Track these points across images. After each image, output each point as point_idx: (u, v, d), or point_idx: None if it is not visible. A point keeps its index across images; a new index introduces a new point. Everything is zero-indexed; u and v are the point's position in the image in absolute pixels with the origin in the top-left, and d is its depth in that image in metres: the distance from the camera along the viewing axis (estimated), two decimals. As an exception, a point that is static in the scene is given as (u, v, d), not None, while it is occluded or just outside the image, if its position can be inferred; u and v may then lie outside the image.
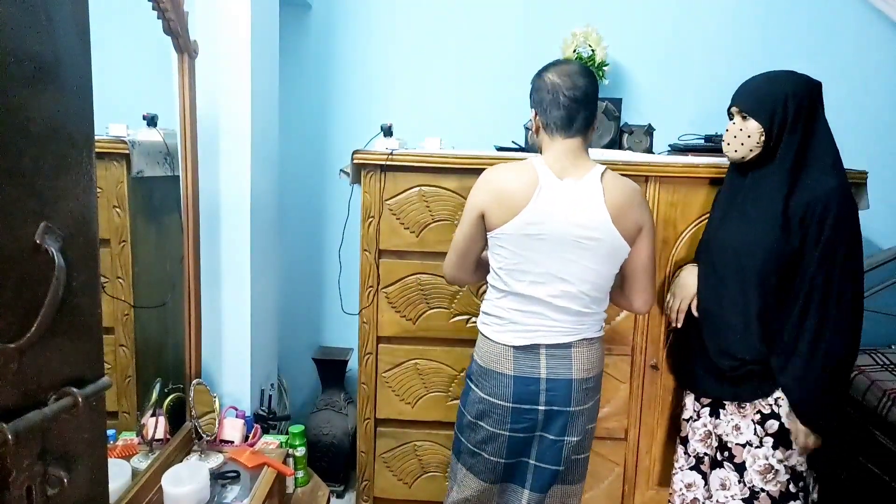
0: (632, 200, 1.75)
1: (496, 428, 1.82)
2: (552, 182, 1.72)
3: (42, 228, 0.80)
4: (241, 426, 2.20)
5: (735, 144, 1.94)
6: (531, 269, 1.74)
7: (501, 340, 1.81)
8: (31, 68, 0.79)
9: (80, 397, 0.83)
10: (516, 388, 1.79)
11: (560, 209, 1.70)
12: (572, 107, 1.73)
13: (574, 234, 1.70)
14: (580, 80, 1.73)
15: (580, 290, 1.75)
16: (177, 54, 1.94)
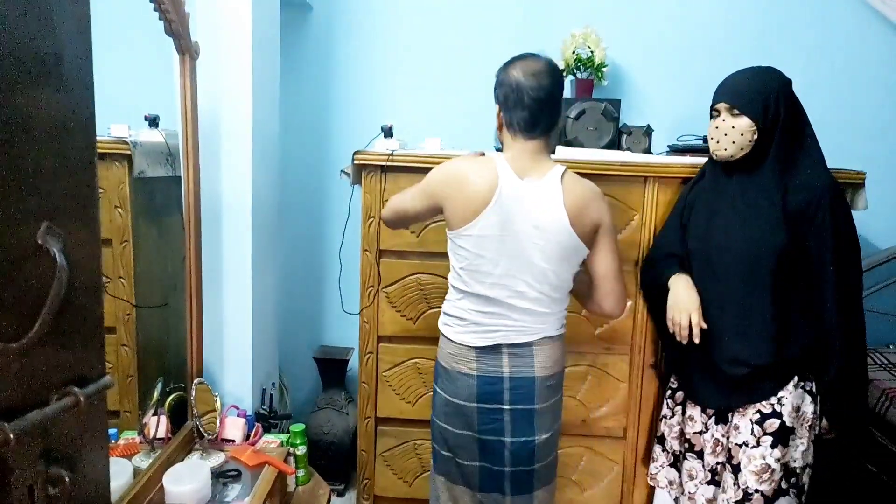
0: (589, 202, 1.72)
1: (463, 430, 1.82)
2: (513, 182, 1.70)
3: (44, 228, 0.80)
4: (242, 425, 2.21)
5: (726, 142, 1.87)
6: (492, 270, 1.73)
7: (463, 341, 1.80)
8: (34, 69, 0.79)
9: (82, 396, 0.83)
10: (480, 388, 1.78)
11: (520, 210, 1.69)
12: (536, 108, 1.70)
13: (533, 235, 1.69)
14: (546, 81, 1.69)
15: (540, 291, 1.74)
16: (178, 55, 1.94)
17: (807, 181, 1.83)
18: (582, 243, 1.72)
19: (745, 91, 1.86)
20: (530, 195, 1.70)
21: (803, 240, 1.83)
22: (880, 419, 2.38)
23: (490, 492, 1.83)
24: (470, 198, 1.70)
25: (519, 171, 1.71)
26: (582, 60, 2.65)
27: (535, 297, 1.74)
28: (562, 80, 1.76)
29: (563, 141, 2.46)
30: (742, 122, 1.84)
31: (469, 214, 1.70)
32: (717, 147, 1.90)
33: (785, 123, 1.84)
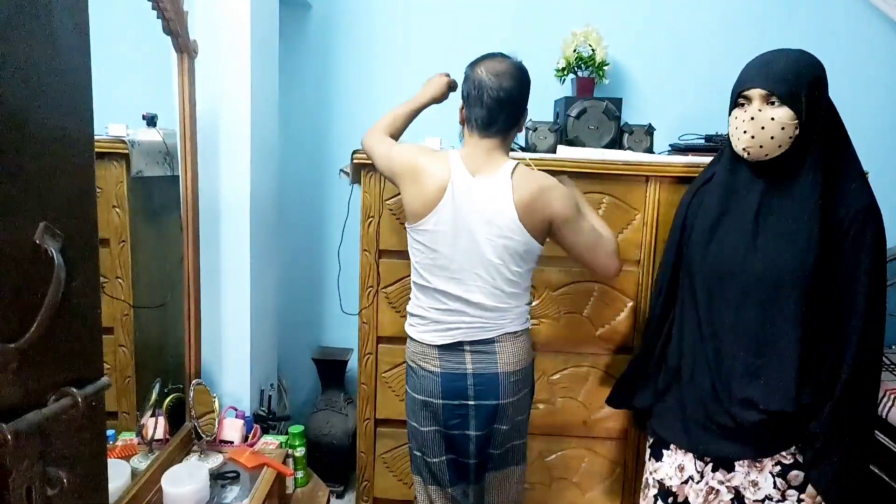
0: (539, 195, 1.73)
1: (430, 426, 1.87)
2: (464, 178, 1.75)
3: (41, 228, 0.79)
4: (240, 426, 2.20)
5: (762, 137, 1.54)
6: (447, 265, 1.78)
7: (425, 340, 1.85)
8: (31, 68, 0.79)
9: (80, 397, 0.82)
10: (444, 385, 1.82)
11: (471, 206, 1.73)
12: (494, 108, 1.75)
13: (484, 230, 1.73)
14: (507, 83, 1.74)
15: (494, 286, 1.77)
16: (176, 54, 1.93)
17: (849, 197, 1.55)
18: (533, 240, 1.74)
19: (786, 76, 1.53)
20: (481, 191, 1.74)
21: (835, 264, 1.55)
22: (882, 420, 2.37)
23: (457, 484, 1.90)
24: (424, 192, 1.77)
25: (471, 169, 1.76)
26: (583, 59, 2.65)
27: (490, 293, 1.77)
28: (526, 83, 1.81)
29: (565, 140, 2.45)
30: (782, 114, 1.52)
31: (423, 209, 1.77)
32: (752, 143, 1.56)
33: (827, 120, 1.57)
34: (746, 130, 1.56)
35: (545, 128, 2.38)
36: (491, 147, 1.78)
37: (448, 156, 1.80)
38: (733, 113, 1.62)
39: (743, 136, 1.58)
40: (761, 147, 1.55)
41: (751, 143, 1.56)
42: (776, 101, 1.53)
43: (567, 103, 2.48)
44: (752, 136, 1.55)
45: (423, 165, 1.79)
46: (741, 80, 1.61)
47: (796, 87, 1.52)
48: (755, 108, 1.55)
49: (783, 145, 1.54)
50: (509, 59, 1.80)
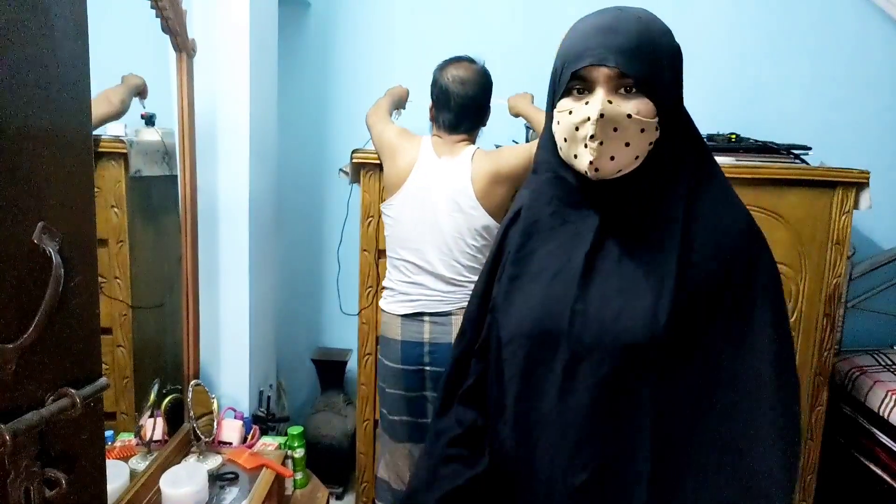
0: (496, 175, 1.96)
1: (393, 389, 2.07)
2: (430, 158, 2.00)
3: (39, 228, 0.79)
4: (239, 427, 2.19)
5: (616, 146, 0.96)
6: (408, 236, 2.01)
7: (392, 310, 2.07)
8: (29, 66, 0.78)
9: (78, 398, 0.82)
10: (404, 352, 2.03)
11: (434, 184, 1.97)
12: (460, 112, 2.00)
13: (444, 206, 1.96)
14: (471, 90, 1.99)
15: (452, 257, 1.97)
16: (175, 53, 1.93)
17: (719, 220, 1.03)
18: (490, 217, 1.96)
19: (642, 48, 0.96)
20: (444, 171, 1.98)
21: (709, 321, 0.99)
22: (883, 420, 2.37)
23: (416, 442, 2.07)
24: (396, 168, 2.04)
25: (438, 152, 2.02)
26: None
27: (448, 264, 1.98)
28: (489, 88, 2.06)
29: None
30: (643, 108, 0.96)
31: (395, 185, 2.04)
32: (601, 155, 0.95)
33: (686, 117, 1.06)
34: (594, 135, 0.94)
35: (545, 128, 2.38)
36: (456, 140, 2.04)
37: (420, 140, 2.06)
38: (560, 104, 1.01)
39: (589, 142, 0.95)
40: (613, 160, 0.96)
41: (600, 154, 0.95)
42: (632, 87, 0.96)
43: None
44: (600, 143, 0.95)
45: (399, 145, 2.06)
46: (572, 51, 1.00)
47: (657, 67, 0.97)
48: (601, 98, 0.95)
49: (641, 156, 0.98)
50: (474, 64, 2.04)
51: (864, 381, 2.51)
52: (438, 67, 2.05)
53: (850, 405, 2.58)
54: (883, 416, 2.37)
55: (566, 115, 1.00)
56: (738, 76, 2.13)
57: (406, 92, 2.41)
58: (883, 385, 2.43)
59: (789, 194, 2.27)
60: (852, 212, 2.27)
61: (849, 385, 2.57)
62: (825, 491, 2.52)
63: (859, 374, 2.54)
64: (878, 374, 2.51)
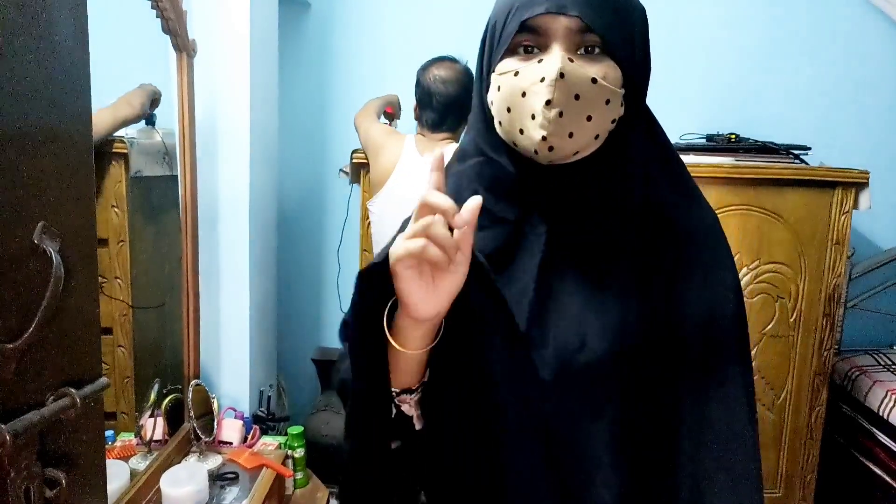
0: None
1: None
2: (413, 156, 2.04)
3: (40, 228, 0.79)
4: (239, 427, 2.19)
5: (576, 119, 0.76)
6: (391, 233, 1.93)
7: None
8: (29, 67, 0.79)
9: (79, 398, 0.82)
10: None
11: (415, 180, 2.01)
12: (443, 111, 2.05)
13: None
14: (453, 89, 2.03)
15: None
16: (175, 53, 1.93)
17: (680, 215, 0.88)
18: None
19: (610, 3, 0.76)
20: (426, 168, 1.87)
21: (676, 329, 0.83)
22: (883, 420, 2.37)
23: None
24: (380, 167, 2.09)
25: (420, 149, 2.06)
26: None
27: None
28: (470, 86, 2.01)
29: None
30: (610, 73, 0.77)
31: (378, 183, 2.09)
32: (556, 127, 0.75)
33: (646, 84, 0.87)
34: (550, 100, 0.74)
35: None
36: (441, 138, 2.09)
37: (404, 138, 2.11)
38: (500, 66, 0.80)
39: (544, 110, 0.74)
40: (571, 136, 0.76)
41: (557, 127, 0.75)
42: (595, 47, 0.76)
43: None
44: (558, 113, 0.74)
45: (384, 144, 2.11)
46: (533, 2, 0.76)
47: (628, 25, 0.79)
48: (559, 54, 0.74)
49: (601, 136, 0.79)
50: (457, 63, 2.08)
51: (863, 380, 2.51)
52: (421, 68, 2.12)
53: (849, 405, 2.58)
54: (882, 416, 2.37)
55: (510, 77, 0.78)
56: (738, 76, 2.13)
57: (396, 98, 2.49)
58: (882, 385, 2.43)
59: (789, 194, 2.27)
60: (852, 212, 2.28)
61: (848, 385, 2.57)
62: (825, 490, 2.52)
63: (859, 374, 2.54)
64: (877, 374, 2.51)
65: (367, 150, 2.19)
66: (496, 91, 0.81)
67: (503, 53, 0.79)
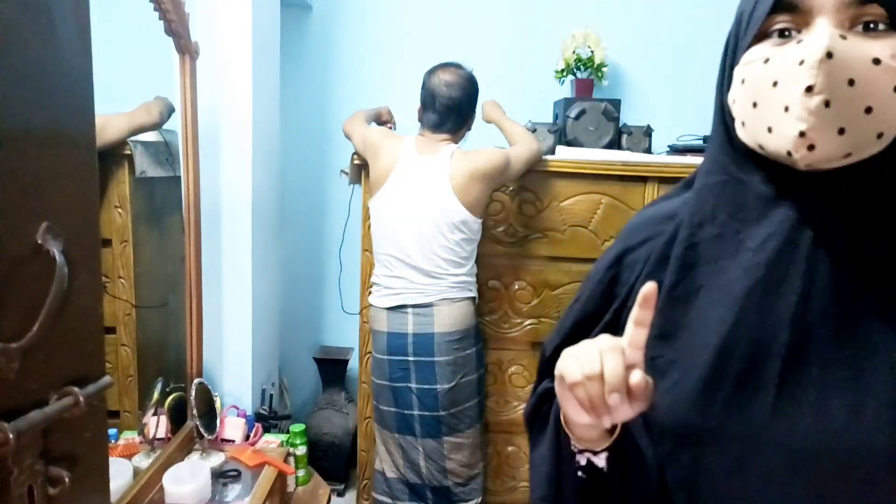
0: (474, 172, 2.02)
1: (382, 380, 2.15)
2: (411, 157, 2.08)
3: (43, 228, 0.79)
4: (242, 425, 2.20)
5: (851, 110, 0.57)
6: (392, 231, 2.08)
7: (378, 304, 2.15)
8: (32, 68, 0.79)
9: (82, 396, 0.82)
10: (389, 342, 2.12)
11: (414, 182, 2.05)
12: (444, 113, 2.09)
13: (424, 203, 2.03)
14: (455, 93, 2.07)
15: (433, 253, 2.05)
16: (178, 55, 1.94)
17: None
18: (467, 212, 2.03)
19: None
20: (423, 169, 2.06)
21: None
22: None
23: (405, 434, 2.14)
24: (380, 167, 2.11)
25: (419, 150, 2.09)
26: (582, 60, 2.65)
27: (428, 258, 2.05)
28: (473, 93, 2.13)
29: (564, 141, 2.46)
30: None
31: (377, 183, 2.11)
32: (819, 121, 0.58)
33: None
34: (812, 86, 0.58)
35: (544, 129, 2.39)
36: (439, 139, 2.12)
37: (403, 139, 2.13)
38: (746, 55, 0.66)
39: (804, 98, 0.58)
40: (842, 133, 0.58)
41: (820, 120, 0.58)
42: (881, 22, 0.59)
43: (566, 104, 2.48)
44: (824, 103, 0.58)
45: (383, 145, 2.13)
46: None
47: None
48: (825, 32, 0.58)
49: (887, 135, 0.60)
50: (462, 70, 2.12)
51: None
52: (428, 71, 2.15)
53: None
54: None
55: (758, 65, 0.63)
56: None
57: (388, 109, 2.52)
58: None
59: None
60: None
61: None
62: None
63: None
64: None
65: (365, 152, 2.21)
66: (741, 84, 0.64)
67: (752, 41, 0.64)
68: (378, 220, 2.13)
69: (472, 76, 2.14)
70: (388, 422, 2.18)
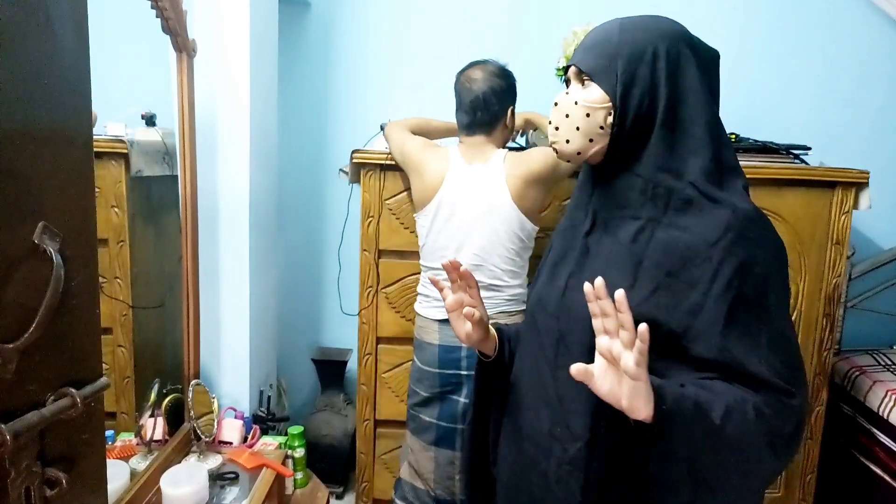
0: (529, 176, 1.96)
1: (428, 392, 2.07)
2: (461, 167, 2.00)
3: (40, 228, 0.79)
4: (239, 427, 2.19)
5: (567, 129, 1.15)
6: (447, 245, 2.00)
7: (429, 315, 2.07)
8: (30, 67, 0.79)
9: (79, 398, 0.82)
10: (441, 356, 2.04)
11: (468, 192, 1.97)
12: (470, 111, 2.02)
13: (480, 211, 1.96)
14: (478, 87, 1.99)
15: (490, 262, 1.97)
16: (175, 53, 1.93)
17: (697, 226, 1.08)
18: (526, 218, 1.97)
19: (602, 44, 1.13)
20: (476, 178, 1.98)
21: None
22: (883, 420, 2.37)
23: (443, 447, 2.06)
24: (426, 183, 2.03)
25: (468, 159, 2.02)
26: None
27: (488, 271, 1.98)
28: (498, 86, 2.01)
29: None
30: (589, 95, 1.12)
31: (425, 198, 2.03)
32: (556, 137, 1.17)
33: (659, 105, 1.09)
34: (551, 120, 1.18)
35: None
36: (479, 143, 2.03)
37: (448, 150, 2.06)
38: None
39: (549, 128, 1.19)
40: (568, 143, 1.14)
41: (555, 135, 1.17)
42: (587, 78, 1.13)
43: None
44: (556, 128, 1.17)
45: (426, 160, 2.05)
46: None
47: (611, 59, 1.10)
48: (563, 90, 1.19)
49: (596, 140, 1.12)
50: (488, 64, 2.05)
51: (863, 380, 2.51)
52: (457, 73, 2.09)
53: (849, 405, 2.58)
54: (882, 416, 2.37)
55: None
56: (738, 76, 2.13)
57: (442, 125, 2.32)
58: (882, 385, 2.43)
59: (789, 194, 2.27)
60: (852, 212, 2.28)
61: (848, 385, 2.58)
62: (825, 490, 2.52)
63: (859, 374, 2.55)
64: (877, 374, 2.51)
65: (403, 164, 2.14)
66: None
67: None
68: (429, 235, 2.05)
69: (500, 69, 2.05)
70: (426, 433, 2.09)
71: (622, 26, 1.13)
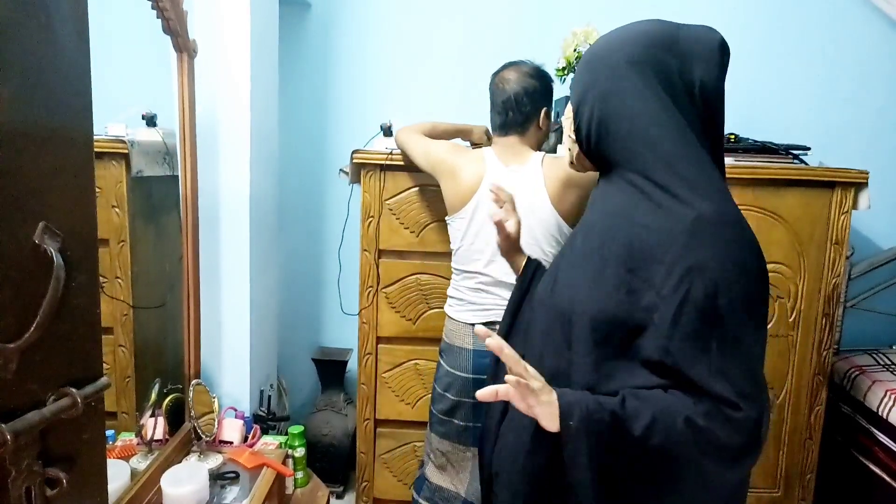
0: (569, 180, 1.90)
1: (460, 397, 2.01)
2: (498, 169, 1.95)
3: (41, 228, 0.79)
4: (240, 427, 2.19)
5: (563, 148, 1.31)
6: (484, 249, 1.95)
7: (461, 319, 2.02)
8: (30, 67, 0.79)
9: (79, 397, 0.82)
10: (474, 361, 1.99)
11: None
12: (502, 111, 1.98)
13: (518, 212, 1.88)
14: (509, 86, 1.96)
15: None
16: (176, 53, 1.93)
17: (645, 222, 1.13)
18: (563, 221, 1.92)
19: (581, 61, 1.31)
20: (514, 180, 1.91)
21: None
22: (883, 420, 2.37)
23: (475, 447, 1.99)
24: (461, 186, 1.97)
25: (504, 161, 1.97)
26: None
27: None
28: (530, 86, 1.97)
29: (564, 139, 2.45)
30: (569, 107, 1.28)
31: (460, 202, 1.98)
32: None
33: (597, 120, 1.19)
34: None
35: (545, 128, 2.38)
36: (511, 143, 1.99)
37: (483, 152, 2.01)
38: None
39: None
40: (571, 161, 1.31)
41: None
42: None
43: (565, 102, 2.47)
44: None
45: (459, 164, 2.00)
46: None
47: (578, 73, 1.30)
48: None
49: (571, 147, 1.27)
50: (523, 65, 2.01)
51: (863, 380, 2.51)
52: (492, 74, 2.06)
53: (849, 404, 2.58)
54: (882, 416, 2.37)
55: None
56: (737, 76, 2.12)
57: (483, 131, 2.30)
58: (882, 384, 2.43)
59: (788, 194, 2.27)
60: (851, 212, 2.28)
61: (848, 384, 2.58)
62: (824, 490, 2.52)
63: (858, 374, 2.55)
64: (876, 374, 2.51)
65: (432, 169, 2.07)
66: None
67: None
68: (465, 238, 2.00)
69: (535, 69, 2.02)
70: (464, 437, 2.04)
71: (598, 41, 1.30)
